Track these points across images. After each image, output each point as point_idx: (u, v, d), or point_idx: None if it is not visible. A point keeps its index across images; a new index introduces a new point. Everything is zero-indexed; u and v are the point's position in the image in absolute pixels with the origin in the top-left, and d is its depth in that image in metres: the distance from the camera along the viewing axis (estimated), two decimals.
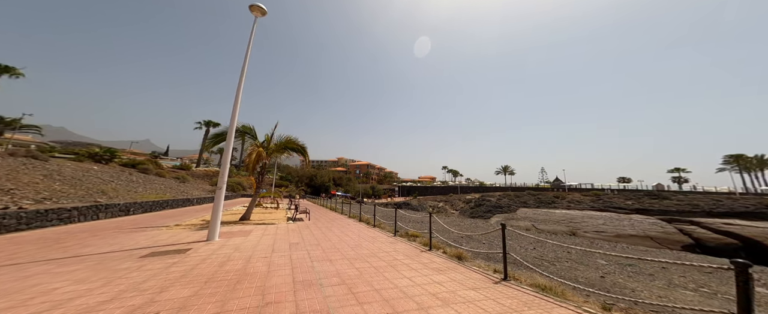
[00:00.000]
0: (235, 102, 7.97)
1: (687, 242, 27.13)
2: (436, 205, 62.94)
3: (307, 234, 8.56)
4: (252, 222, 10.93)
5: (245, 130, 11.67)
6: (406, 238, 8.06)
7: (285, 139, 12.65)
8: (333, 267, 4.91)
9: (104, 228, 8.58)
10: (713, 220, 33.60)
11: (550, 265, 9.11)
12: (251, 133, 11.89)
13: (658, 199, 50.14)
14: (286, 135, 12.68)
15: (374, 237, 8.30)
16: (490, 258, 7.84)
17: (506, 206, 56.86)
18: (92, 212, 10.11)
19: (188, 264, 4.84)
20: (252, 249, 6.16)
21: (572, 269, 8.83)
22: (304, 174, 61.85)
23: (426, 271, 4.71)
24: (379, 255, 5.91)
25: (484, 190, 74.85)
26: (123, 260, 4.99)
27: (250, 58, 8.55)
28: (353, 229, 9.80)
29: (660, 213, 45.28)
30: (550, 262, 9.53)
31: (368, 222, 11.63)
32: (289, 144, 12.67)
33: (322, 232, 9.01)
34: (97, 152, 23.70)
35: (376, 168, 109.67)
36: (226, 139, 7.77)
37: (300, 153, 13.02)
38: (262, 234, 8.31)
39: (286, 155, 13.03)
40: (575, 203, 57.89)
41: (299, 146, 12.83)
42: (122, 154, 37.12)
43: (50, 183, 12.37)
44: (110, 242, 6.56)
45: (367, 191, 67.01)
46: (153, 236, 7.49)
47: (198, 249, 6.00)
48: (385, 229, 9.92)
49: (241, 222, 11.07)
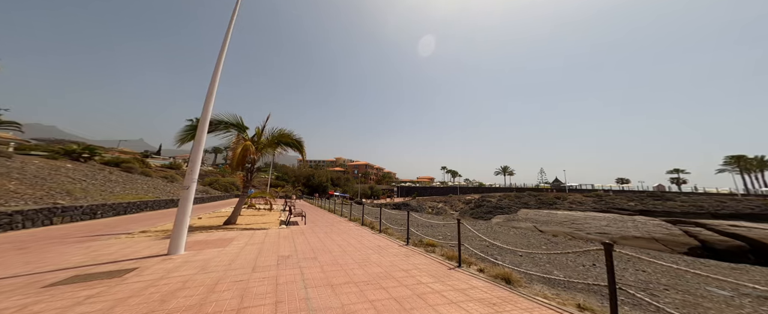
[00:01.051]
0: (210, 86, 6.43)
1: (693, 244, 26.19)
2: (436, 206, 61.62)
3: (301, 243, 7.03)
4: (238, 227, 9.36)
5: (230, 122, 10.11)
6: (422, 248, 6.57)
7: (278, 133, 11.11)
8: (337, 299, 3.40)
9: (44, 238, 6.95)
10: (719, 222, 32.77)
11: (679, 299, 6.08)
12: (238, 124, 10.33)
13: (661, 201, 49.41)
14: (280, 128, 11.15)
15: (382, 246, 6.80)
16: (555, 284, 5.51)
17: (507, 207, 55.83)
18: (44, 216, 8.46)
19: (112, 298, 3.27)
20: (225, 268, 4.62)
21: None
22: (301, 174, 60.06)
23: (472, 307, 3.22)
24: (396, 275, 4.42)
25: (484, 191, 73.78)
26: (12, 292, 3.40)
27: (232, 39, 7.04)
28: (356, 236, 8.29)
29: (664, 214, 44.51)
30: (672, 292, 6.41)
31: (372, 227, 10.12)
32: (283, 138, 11.14)
33: (319, 240, 7.49)
34: (74, 149, 21.85)
35: (375, 168, 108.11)
36: (198, 128, 6.22)
37: (296, 148, 11.50)
38: (246, 244, 6.76)
39: (279, 151, 11.48)
40: (577, 204, 57.03)
41: (294, 141, 11.31)
42: (105, 153, 35.16)
43: (4, 183, 10.67)
44: (29, 259, 4.94)
45: (366, 191, 65.46)
46: (97, 249, 5.87)
47: (147, 269, 4.43)
48: (392, 236, 8.42)
49: (225, 226, 9.50)
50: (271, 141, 11.09)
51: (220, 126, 10.09)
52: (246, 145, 9.18)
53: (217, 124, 9.88)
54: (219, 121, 9.86)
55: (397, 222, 13.82)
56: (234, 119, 10.22)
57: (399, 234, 8.57)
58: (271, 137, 11.10)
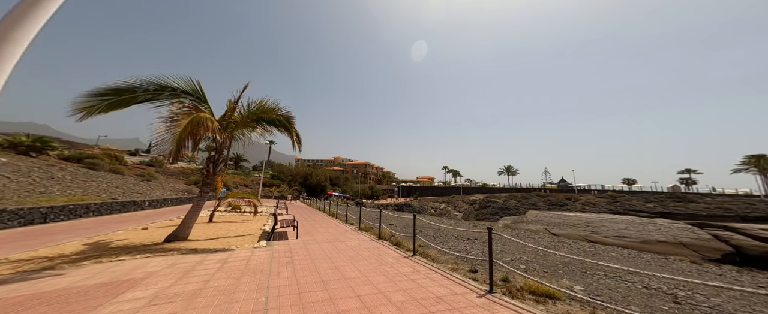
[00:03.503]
0: None
1: (726, 250, 23.58)
2: (438, 207, 58.35)
3: (284, 289, 3.60)
4: (184, 247, 5.84)
5: (179, 87, 6.57)
6: (515, 298, 3.18)
7: (258, 106, 7.60)
8: None
9: None
10: (750, 226, 30.13)
11: None
12: (193, 92, 6.80)
13: (683, 202, 46.55)
14: (260, 100, 7.63)
15: (429, 285, 3.40)
16: None
17: (514, 208, 52.81)
18: None
19: None
20: None
21: None
22: (298, 173, 56.33)
23: None
24: None
25: (488, 191, 70.63)
26: None
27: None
28: (381, 263, 4.86)
29: (687, 217, 41.72)
30: None
31: (398, 244, 6.70)
32: (265, 113, 7.64)
33: (319, 279, 4.05)
34: (22, 141, 18.15)
35: (374, 167, 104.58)
36: None
37: (283, 128, 8.02)
38: (155, 296, 3.29)
39: (260, 132, 7.98)
40: (590, 205, 54.11)
41: (281, 117, 7.83)
42: (86, 150, 31.30)
43: None
44: None
45: (366, 191, 61.94)
46: None
47: None
48: (437, 262, 5.02)
49: (165, 245, 5.99)
50: (248, 117, 7.59)
51: (168, 92, 6.57)
52: (198, 117, 5.65)
53: (159, 89, 6.35)
54: (161, 86, 6.33)
55: (415, 230, 10.39)
56: (186, 84, 6.69)
57: (438, 254, 5.17)
58: (247, 113, 7.60)
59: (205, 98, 7.06)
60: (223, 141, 6.89)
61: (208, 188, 6.55)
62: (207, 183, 6.63)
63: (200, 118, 5.71)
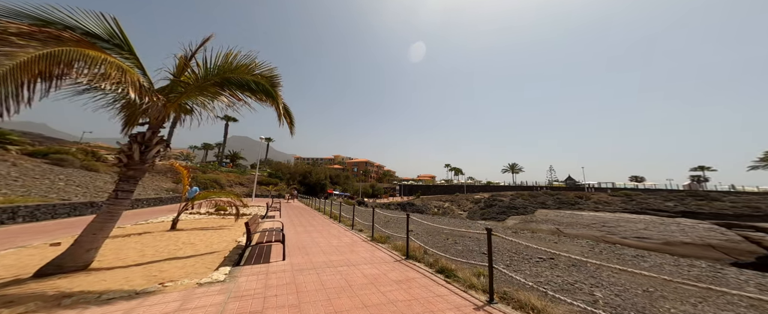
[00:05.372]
0: None
1: (761, 253, 21.10)
2: (442, 206, 55.75)
3: None
4: (67, 284, 3.20)
5: (83, 28, 3.92)
6: None
7: (224, 62, 4.97)
8: None
9: None
10: None
11: None
12: (114, 38, 4.16)
13: (706, 201, 43.81)
14: (227, 52, 5.00)
15: None
16: None
17: (522, 207, 50.28)
18: None
19: None
20: None
21: None
22: (296, 171, 53.65)
23: None
24: None
25: (493, 189, 67.98)
26: None
27: None
28: None
29: (712, 216, 39.19)
30: None
31: (444, 271, 4.15)
32: (233, 72, 5.01)
33: None
34: None
35: (375, 165, 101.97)
36: None
37: (264, 94, 5.37)
38: None
39: (224, 100, 5.36)
40: (603, 204, 51.50)
41: (260, 77, 5.19)
42: (72, 147, 28.62)
43: None
44: None
45: (367, 190, 59.38)
46: None
47: None
48: None
49: (31, 282, 3.40)
50: (207, 79, 4.96)
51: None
52: (115, 65, 3.02)
53: (42, 24, 3.70)
54: (45, 21, 3.68)
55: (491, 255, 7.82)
56: (98, 24, 4.04)
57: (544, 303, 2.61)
58: (204, 72, 4.97)
59: (132, 49, 4.41)
60: (159, 111, 4.25)
61: (129, 185, 3.95)
62: (128, 178, 4.01)
63: (123, 69, 3.06)
